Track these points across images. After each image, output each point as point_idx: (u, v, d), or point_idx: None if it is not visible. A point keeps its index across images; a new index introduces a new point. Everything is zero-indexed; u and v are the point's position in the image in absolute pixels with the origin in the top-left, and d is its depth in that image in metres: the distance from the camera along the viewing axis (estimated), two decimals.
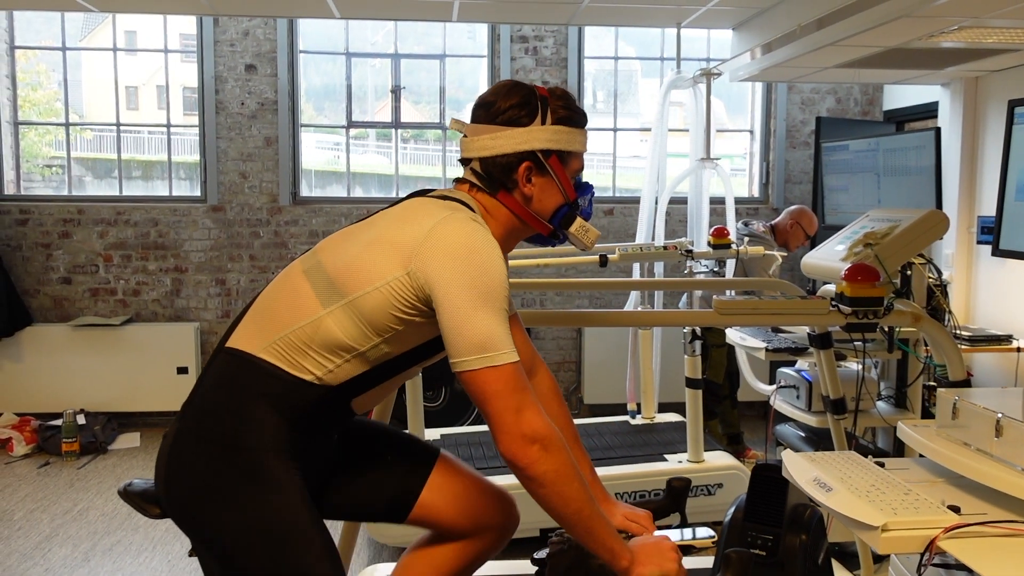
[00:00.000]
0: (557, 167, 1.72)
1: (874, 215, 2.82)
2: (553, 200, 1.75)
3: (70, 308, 5.82)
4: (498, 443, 1.52)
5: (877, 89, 6.26)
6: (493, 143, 1.69)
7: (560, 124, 1.72)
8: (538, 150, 1.70)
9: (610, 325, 5.04)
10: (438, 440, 4.38)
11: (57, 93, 5.99)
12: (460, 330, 1.50)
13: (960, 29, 3.66)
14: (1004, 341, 4.08)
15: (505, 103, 1.70)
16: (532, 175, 1.71)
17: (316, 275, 1.63)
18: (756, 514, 2.33)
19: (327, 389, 1.62)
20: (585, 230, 1.79)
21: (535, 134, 1.69)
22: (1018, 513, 1.57)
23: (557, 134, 1.71)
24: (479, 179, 1.73)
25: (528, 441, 1.50)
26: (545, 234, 1.79)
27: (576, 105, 1.77)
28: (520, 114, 1.70)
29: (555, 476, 1.51)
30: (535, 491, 1.52)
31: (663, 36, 6.22)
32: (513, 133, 1.69)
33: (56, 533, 4.02)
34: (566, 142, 1.72)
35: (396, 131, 6.18)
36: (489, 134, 1.70)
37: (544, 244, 1.85)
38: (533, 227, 1.77)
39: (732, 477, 3.95)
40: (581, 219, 1.79)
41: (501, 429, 1.51)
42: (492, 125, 1.70)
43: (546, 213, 1.76)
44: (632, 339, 4.91)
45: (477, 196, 1.74)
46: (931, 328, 2.34)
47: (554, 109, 1.72)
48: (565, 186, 1.74)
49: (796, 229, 5.01)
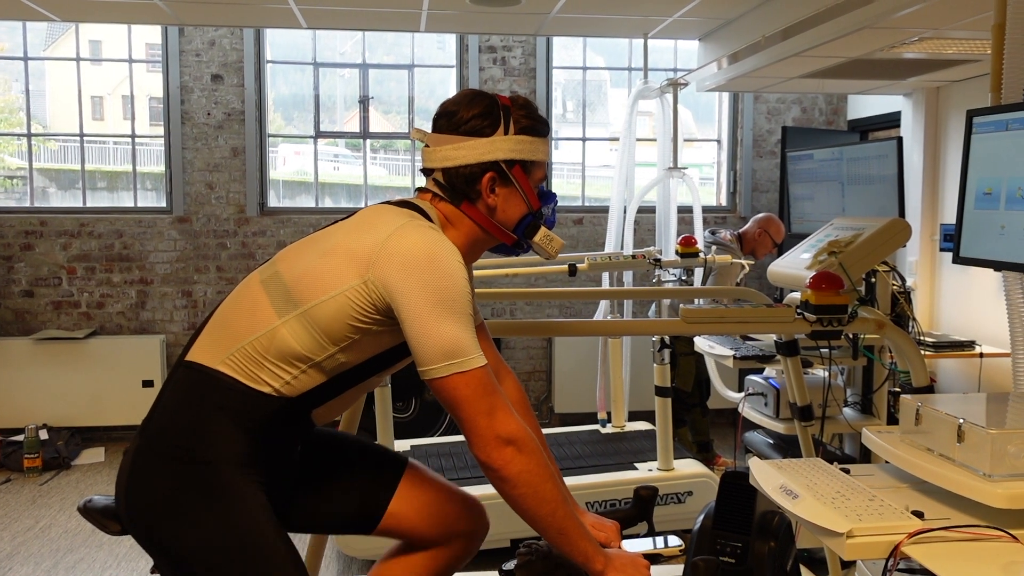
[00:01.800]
0: (520, 177, 1.71)
1: (838, 223, 2.85)
2: (517, 210, 1.74)
3: (32, 321, 5.72)
4: (472, 447, 1.52)
5: (841, 99, 6.34)
6: (456, 154, 1.68)
7: (523, 134, 1.70)
8: (501, 160, 1.69)
9: (579, 334, 5.06)
10: (408, 451, 4.35)
11: (16, 98, 5.90)
12: (425, 338, 1.49)
13: (921, 40, 3.72)
14: (967, 347, 4.14)
15: (467, 113, 1.68)
16: (495, 185, 1.70)
17: (273, 285, 1.62)
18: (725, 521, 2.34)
19: (286, 401, 1.60)
20: (549, 239, 1.79)
21: (498, 144, 1.68)
22: (980, 517, 1.59)
23: (520, 144, 1.70)
24: (442, 189, 1.72)
25: (502, 443, 1.50)
26: (509, 244, 1.78)
27: (538, 114, 1.76)
28: (483, 124, 1.68)
29: (529, 476, 1.51)
30: (509, 492, 1.52)
31: (631, 46, 6.26)
32: (476, 143, 1.67)
33: (17, 551, 3.94)
34: (529, 152, 1.71)
35: (365, 141, 6.15)
36: (451, 144, 1.68)
37: (508, 254, 1.84)
38: (497, 237, 1.76)
39: (702, 485, 3.97)
40: (545, 228, 1.78)
41: (474, 433, 1.51)
42: (454, 135, 1.68)
43: (510, 223, 1.75)
44: (602, 348, 4.92)
45: (439, 206, 1.73)
46: (895, 335, 2.36)
47: (516, 119, 1.71)
48: (529, 196, 1.73)
49: (764, 237, 5.05)
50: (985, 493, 1.55)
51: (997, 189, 1.99)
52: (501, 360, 1.95)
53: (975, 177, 2.06)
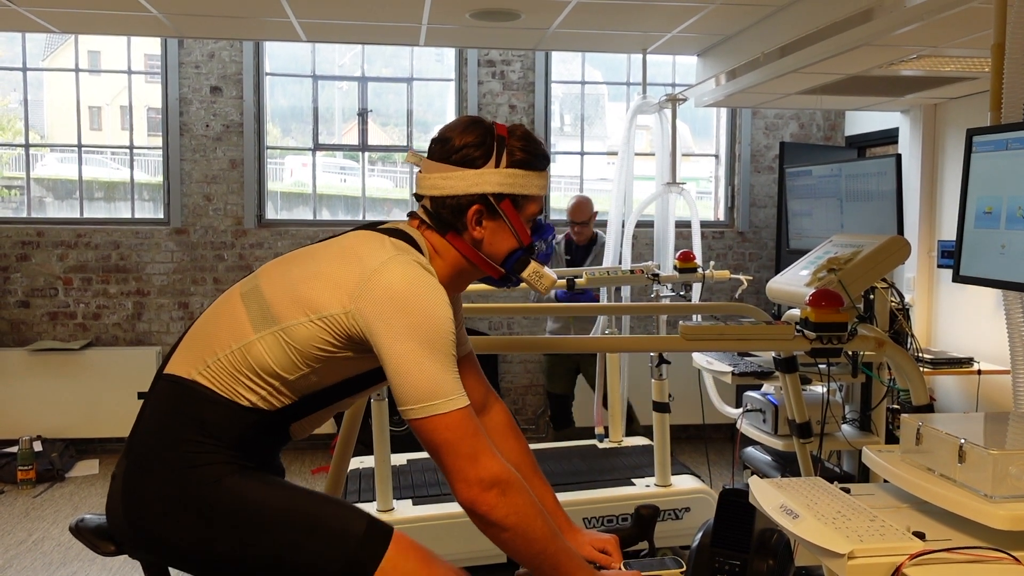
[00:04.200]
0: (510, 211, 1.65)
1: (837, 240, 2.85)
2: (505, 244, 1.68)
3: (28, 332, 5.70)
4: (455, 491, 1.48)
5: (839, 115, 6.36)
6: (444, 183, 1.63)
7: (515, 167, 1.64)
8: (489, 193, 1.63)
9: (577, 351, 5.05)
10: (404, 466, 4.33)
11: (14, 109, 5.90)
12: (404, 378, 1.46)
13: (919, 58, 3.73)
14: (965, 364, 4.14)
15: (460, 141, 1.63)
16: (483, 218, 1.65)
17: (252, 300, 1.60)
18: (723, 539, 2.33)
19: (262, 414, 1.58)
20: (539, 276, 1.72)
21: (487, 177, 1.62)
22: (982, 539, 1.58)
23: (511, 177, 1.64)
24: (429, 217, 1.68)
25: (485, 487, 1.46)
26: (496, 277, 1.73)
27: (536, 147, 1.69)
28: (474, 155, 1.62)
29: (516, 519, 1.48)
30: (497, 535, 1.49)
31: (629, 61, 6.28)
32: (464, 175, 1.62)
33: (9, 565, 3.91)
34: (520, 186, 1.65)
35: (363, 153, 6.16)
36: (441, 172, 1.64)
37: (498, 286, 1.79)
38: (484, 270, 1.71)
39: (700, 501, 3.95)
40: (536, 263, 1.72)
41: (457, 477, 1.47)
42: (445, 164, 1.64)
43: (498, 257, 1.69)
44: (599, 362, 4.90)
45: (427, 234, 1.68)
46: (895, 353, 2.36)
47: (511, 150, 1.64)
48: (519, 230, 1.67)
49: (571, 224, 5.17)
50: (987, 514, 1.54)
51: (997, 208, 1.99)
52: (489, 388, 1.91)
53: (975, 196, 2.06)
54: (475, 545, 3.68)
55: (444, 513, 3.71)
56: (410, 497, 3.88)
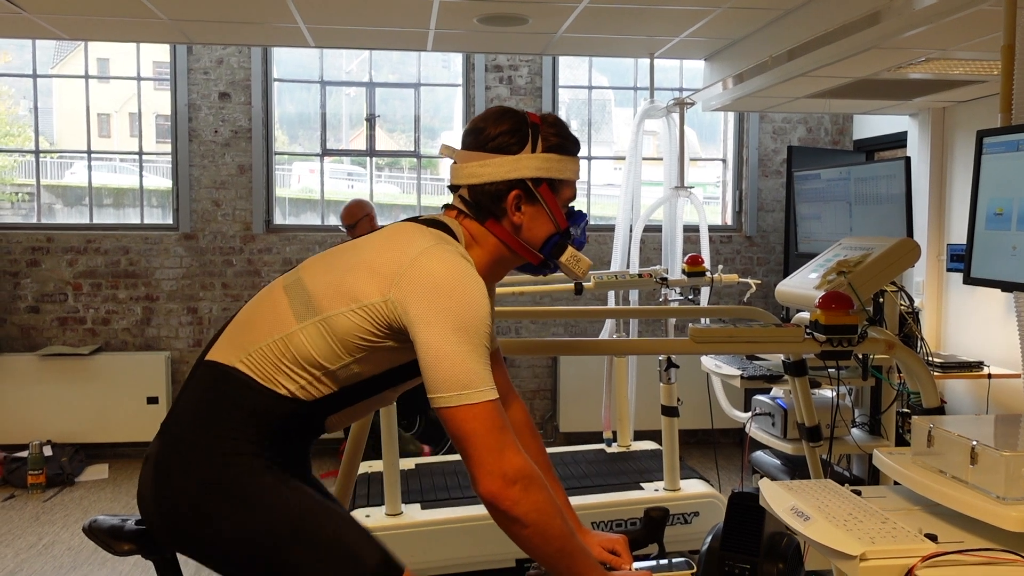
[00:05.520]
0: (548, 196, 1.69)
1: (847, 243, 2.84)
2: (544, 229, 1.71)
3: (38, 337, 5.72)
4: (477, 483, 1.48)
5: (847, 119, 6.35)
6: (482, 171, 1.66)
7: (551, 152, 1.68)
8: (528, 178, 1.67)
9: (585, 354, 5.04)
10: (413, 470, 4.33)
11: (24, 115, 5.93)
12: (438, 366, 1.47)
13: (927, 61, 3.72)
14: (975, 367, 4.12)
15: (495, 130, 1.67)
16: (522, 203, 1.68)
17: (295, 292, 1.62)
18: (733, 543, 2.33)
19: (300, 404, 1.59)
20: (576, 260, 1.76)
21: (524, 162, 1.66)
22: (994, 541, 1.57)
23: (547, 162, 1.68)
24: (467, 206, 1.70)
25: (509, 481, 1.46)
26: (535, 263, 1.75)
27: (568, 132, 1.73)
28: (510, 141, 1.66)
29: (537, 516, 1.48)
30: (517, 532, 1.49)
31: (636, 66, 6.28)
32: (502, 161, 1.66)
33: (20, 568, 3.92)
34: (557, 170, 1.69)
35: (371, 159, 6.17)
36: (478, 161, 1.67)
37: (534, 273, 1.80)
38: (522, 256, 1.73)
39: (708, 505, 3.94)
40: (572, 248, 1.75)
41: (481, 469, 1.47)
42: (481, 152, 1.67)
43: (536, 242, 1.72)
44: (607, 367, 4.90)
45: (465, 223, 1.71)
46: (905, 355, 2.35)
47: (545, 136, 1.68)
48: (556, 215, 1.71)
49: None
50: (999, 516, 1.54)
51: (1008, 209, 1.98)
52: (511, 385, 1.93)
53: (986, 197, 2.06)
54: (483, 549, 3.69)
55: (453, 517, 3.70)
56: (419, 501, 3.88)
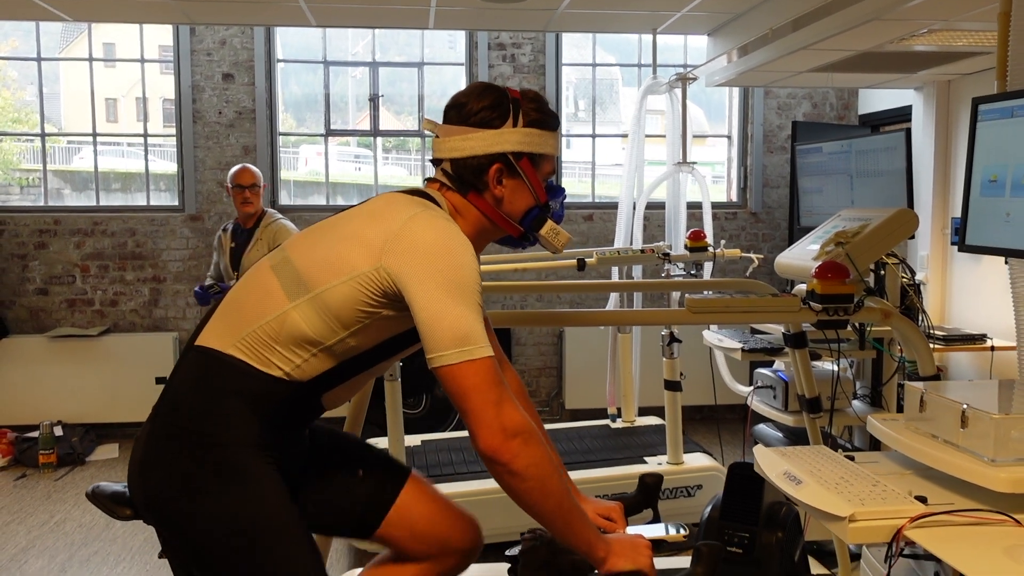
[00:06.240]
0: (528, 169, 1.72)
1: (846, 215, 2.84)
2: (524, 202, 1.75)
3: (47, 319, 5.77)
4: (477, 439, 1.49)
5: (852, 94, 6.32)
6: (464, 144, 1.69)
7: (532, 127, 1.71)
8: (509, 152, 1.69)
9: (585, 324, 5.05)
10: (419, 447, 4.37)
11: (31, 100, 5.95)
12: (437, 324, 1.48)
13: (930, 32, 3.70)
14: (978, 340, 4.12)
15: (477, 104, 1.69)
16: (503, 177, 1.71)
17: (284, 270, 1.63)
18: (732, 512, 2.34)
19: (296, 385, 1.61)
20: (555, 232, 1.78)
21: (506, 136, 1.69)
22: (984, 502, 1.58)
23: (528, 136, 1.71)
24: (450, 179, 1.73)
25: (509, 435, 1.48)
26: (515, 236, 1.78)
27: (548, 108, 1.76)
28: (492, 116, 1.69)
29: (536, 470, 1.49)
30: (516, 487, 1.50)
31: (640, 43, 6.26)
32: (484, 135, 1.68)
33: (33, 545, 3.98)
34: (537, 144, 1.72)
35: (375, 139, 6.18)
36: (460, 135, 1.69)
37: (514, 246, 1.83)
38: (503, 228, 1.76)
39: (711, 478, 3.97)
40: (552, 222, 1.78)
41: (481, 423, 1.48)
42: (464, 127, 1.70)
43: (516, 215, 1.75)
44: (612, 343, 4.92)
45: (447, 195, 1.73)
46: (901, 324, 2.36)
47: (526, 111, 1.71)
48: (536, 188, 1.74)
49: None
50: (988, 478, 1.55)
51: (1003, 176, 1.98)
52: (502, 353, 1.95)
53: (981, 165, 2.06)
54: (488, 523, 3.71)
55: (458, 492, 3.74)
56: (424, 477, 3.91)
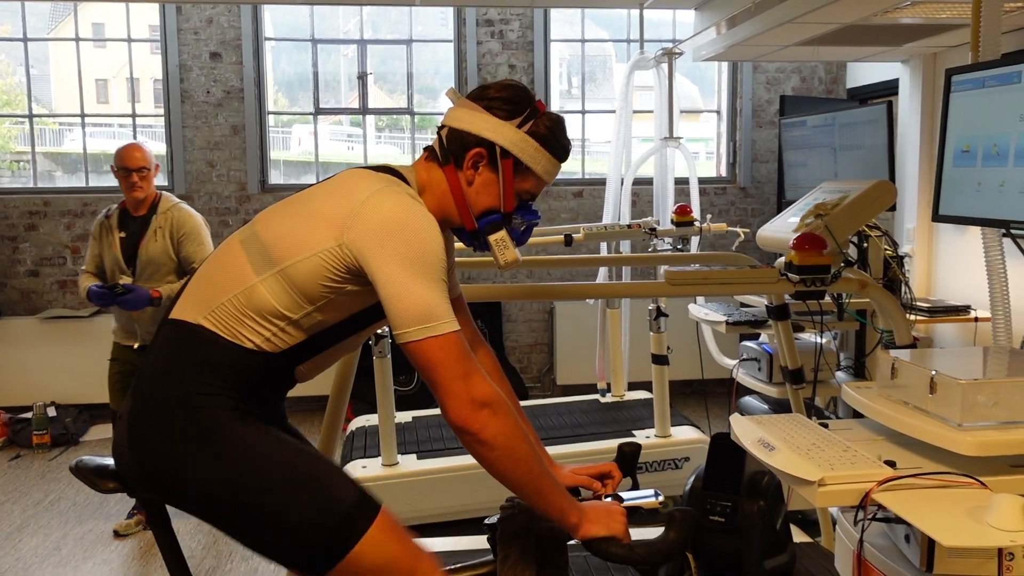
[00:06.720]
0: (507, 171, 1.71)
1: (826, 187, 2.87)
2: (488, 199, 1.73)
3: (38, 301, 5.78)
4: (447, 410, 1.52)
5: (840, 68, 6.32)
6: (465, 117, 1.71)
7: (534, 138, 1.71)
8: (499, 144, 1.69)
9: (566, 298, 5.07)
10: (409, 423, 4.41)
11: (20, 82, 5.93)
12: (399, 302, 1.51)
13: (914, 4, 3.71)
14: (962, 311, 4.16)
15: (496, 93, 1.71)
16: (480, 164, 1.70)
17: (251, 245, 1.66)
18: (715, 482, 2.38)
19: (267, 356, 1.64)
20: (504, 245, 1.75)
21: (503, 130, 1.69)
22: (952, 466, 1.62)
23: (524, 142, 1.70)
24: (439, 146, 1.75)
25: (478, 406, 1.51)
26: (467, 229, 1.76)
27: (562, 135, 1.74)
28: (502, 107, 1.70)
29: (505, 439, 1.53)
30: (486, 455, 1.53)
31: (628, 18, 6.25)
32: (486, 118, 1.69)
33: (27, 524, 4.02)
34: (530, 155, 1.70)
35: (364, 117, 6.17)
36: (468, 110, 1.72)
37: (467, 243, 1.81)
38: (462, 215, 1.74)
39: (698, 451, 4.01)
40: (506, 234, 1.75)
41: (449, 396, 1.52)
42: (475, 104, 1.72)
43: (477, 209, 1.74)
44: (600, 319, 4.95)
45: (426, 166, 1.75)
46: (877, 294, 2.39)
47: (537, 123, 1.71)
48: (507, 193, 1.72)
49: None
50: (955, 442, 1.58)
51: (974, 146, 2.00)
52: (476, 331, 1.96)
53: (954, 135, 2.08)
54: (477, 496, 3.77)
55: (448, 466, 3.79)
56: (414, 452, 3.96)
